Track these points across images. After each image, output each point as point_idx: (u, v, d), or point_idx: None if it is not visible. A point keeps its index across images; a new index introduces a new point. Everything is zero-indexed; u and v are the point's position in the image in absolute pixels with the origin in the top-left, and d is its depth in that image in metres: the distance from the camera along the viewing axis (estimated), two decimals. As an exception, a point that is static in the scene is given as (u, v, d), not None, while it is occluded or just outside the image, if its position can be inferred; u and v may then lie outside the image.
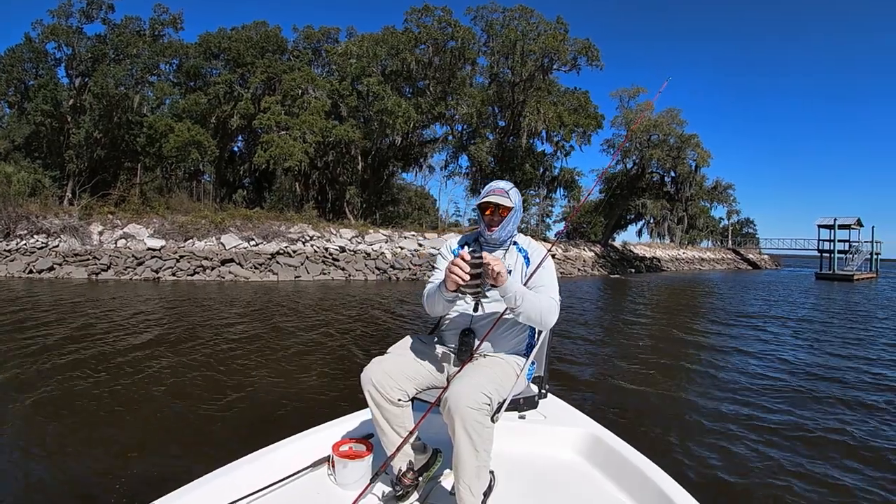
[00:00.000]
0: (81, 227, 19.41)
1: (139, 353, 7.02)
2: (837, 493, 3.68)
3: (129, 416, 4.65)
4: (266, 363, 6.73)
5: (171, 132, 22.79)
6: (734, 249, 61.82)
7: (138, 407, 4.87)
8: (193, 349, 7.37)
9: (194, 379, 5.91)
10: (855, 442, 4.68)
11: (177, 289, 15.54)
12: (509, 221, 2.25)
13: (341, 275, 20.86)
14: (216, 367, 6.43)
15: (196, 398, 5.21)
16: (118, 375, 5.89)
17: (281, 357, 7.13)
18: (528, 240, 2.40)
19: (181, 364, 6.54)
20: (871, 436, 4.83)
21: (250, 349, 7.51)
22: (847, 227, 44.53)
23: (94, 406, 4.88)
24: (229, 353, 7.20)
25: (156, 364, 6.44)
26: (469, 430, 1.84)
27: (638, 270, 36.50)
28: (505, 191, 2.23)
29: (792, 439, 4.68)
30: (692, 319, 13.20)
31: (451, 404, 1.86)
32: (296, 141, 23.98)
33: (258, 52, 26.86)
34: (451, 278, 1.89)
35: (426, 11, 28.06)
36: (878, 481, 3.90)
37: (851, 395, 6.24)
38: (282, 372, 6.33)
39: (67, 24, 24.90)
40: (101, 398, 5.09)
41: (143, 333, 8.44)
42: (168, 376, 5.94)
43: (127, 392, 5.30)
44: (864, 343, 10.14)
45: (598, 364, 7.61)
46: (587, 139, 30.44)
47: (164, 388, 5.47)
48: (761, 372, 7.30)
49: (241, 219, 21.75)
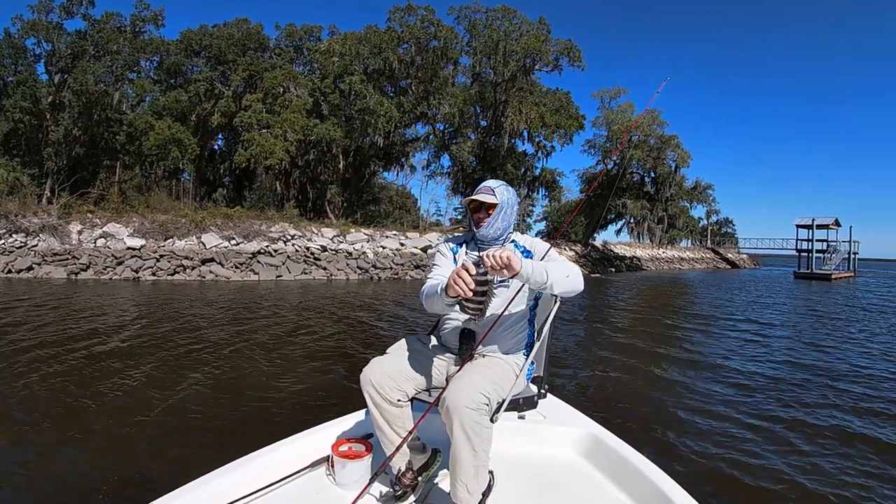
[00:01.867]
0: (61, 226, 19.31)
1: (127, 354, 6.98)
2: (837, 492, 3.69)
3: (127, 416, 4.64)
4: (260, 363, 6.75)
5: (151, 130, 22.73)
6: (713, 249, 62.65)
7: (135, 408, 4.86)
8: (184, 350, 7.36)
9: (190, 379, 5.91)
10: (854, 439, 4.72)
11: (157, 289, 15.56)
12: (496, 218, 2.27)
13: (323, 274, 20.99)
14: (211, 368, 6.43)
15: (195, 398, 5.22)
16: (110, 376, 5.88)
17: (274, 357, 7.13)
18: (526, 237, 2.41)
19: (174, 364, 6.54)
20: (872, 432, 4.88)
21: (241, 349, 7.53)
22: (825, 227, 45.11)
23: (92, 407, 4.87)
24: (223, 354, 7.21)
25: (146, 365, 6.41)
26: (467, 429, 1.85)
27: (618, 269, 36.96)
28: (491, 188, 2.28)
29: (791, 437, 4.72)
30: (680, 317, 13.46)
31: (449, 404, 1.87)
32: (277, 139, 24.02)
33: (240, 50, 26.80)
34: (454, 287, 1.87)
35: (409, 10, 28.11)
36: (880, 479, 3.92)
37: (845, 389, 6.42)
38: (276, 372, 6.35)
39: (47, 19, 24.62)
40: (98, 398, 5.08)
41: (130, 334, 8.43)
42: (160, 377, 5.94)
43: (124, 393, 5.31)
44: (855, 339, 10.56)
45: (592, 363, 7.68)
46: (569, 139, 30.69)
47: (159, 389, 5.45)
48: (756, 370, 7.42)
49: (221, 218, 21.73)
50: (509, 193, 2.32)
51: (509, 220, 2.32)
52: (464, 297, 1.87)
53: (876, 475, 4.00)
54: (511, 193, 2.34)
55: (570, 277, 2.06)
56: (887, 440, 4.74)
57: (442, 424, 1.93)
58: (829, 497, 3.63)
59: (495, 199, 2.25)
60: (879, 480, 3.91)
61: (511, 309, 2.21)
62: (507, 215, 2.30)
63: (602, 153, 34.03)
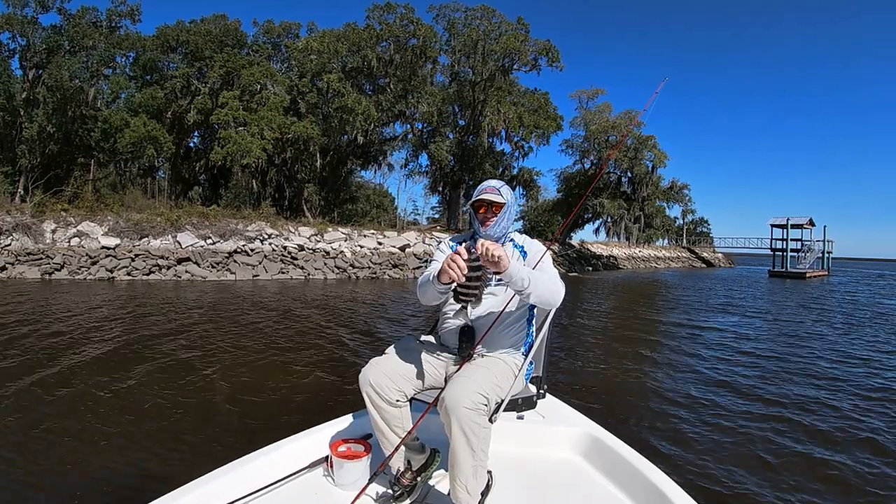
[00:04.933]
0: (34, 225, 19.12)
1: (114, 356, 6.94)
2: (836, 490, 3.70)
3: (125, 417, 4.63)
4: (254, 364, 6.76)
5: (126, 127, 22.56)
6: (689, 248, 63.68)
7: (132, 408, 4.87)
8: (170, 352, 7.28)
9: (186, 379, 5.90)
10: (855, 437, 4.74)
11: (133, 289, 15.50)
12: (503, 217, 2.30)
13: (300, 274, 21.10)
14: (202, 370, 6.40)
15: (193, 399, 5.23)
16: (102, 376, 5.89)
17: (267, 357, 7.15)
18: (525, 237, 2.43)
19: (166, 364, 6.53)
20: (872, 431, 4.92)
21: (230, 350, 7.53)
22: (799, 226, 46.12)
23: (90, 407, 4.86)
24: (212, 355, 7.19)
25: (136, 366, 6.37)
26: (466, 430, 1.86)
27: (595, 268, 37.43)
28: (497, 188, 2.29)
29: (789, 436, 4.73)
30: (664, 315, 13.71)
31: (447, 404, 1.88)
32: (253, 137, 24.01)
33: (217, 46, 26.63)
34: (447, 272, 1.88)
35: (388, 8, 28.21)
36: (880, 476, 3.96)
37: (842, 388, 6.55)
38: (275, 372, 6.38)
39: (22, 13, 24.25)
40: (94, 399, 5.09)
41: (114, 335, 8.36)
42: (153, 378, 5.92)
43: (120, 393, 5.31)
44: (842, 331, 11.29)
45: (587, 362, 7.77)
46: (546, 140, 30.99)
47: (153, 390, 5.44)
48: (751, 368, 7.53)
49: (197, 216, 21.66)
50: (511, 193, 2.36)
51: (511, 219, 2.37)
52: (458, 282, 1.90)
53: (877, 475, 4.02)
54: (512, 193, 2.38)
55: (551, 293, 2.07)
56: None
57: (441, 424, 1.95)
58: (830, 496, 3.63)
59: (502, 198, 2.27)
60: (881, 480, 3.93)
61: (511, 307, 2.24)
62: (511, 214, 2.36)
63: (580, 153, 34.38)
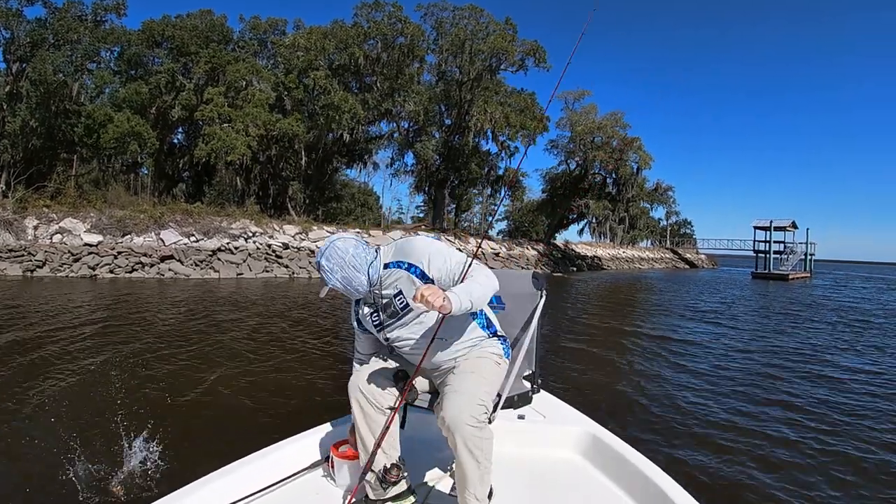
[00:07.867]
0: (16, 221, 19.07)
1: (103, 356, 6.88)
2: (836, 489, 3.74)
3: (123, 418, 4.61)
4: (252, 364, 6.77)
5: (109, 122, 22.42)
6: (672, 249, 64.22)
7: (129, 409, 4.84)
8: (163, 352, 7.23)
9: (184, 378, 5.91)
10: (856, 437, 4.81)
11: (116, 286, 15.47)
12: (349, 284, 2.00)
13: (285, 272, 21.16)
14: (203, 368, 6.41)
15: (192, 398, 5.27)
16: (97, 376, 5.89)
17: (265, 357, 7.16)
18: (394, 247, 2.16)
19: (164, 365, 6.51)
20: (870, 434, 4.99)
21: (225, 349, 7.53)
22: (782, 228, 46.59)
23: (85, 407, 4.90)
24: (209, 353, 7.21)
25: (130, 367, 6.34)
26: (470, 446, 1.84)
27: (580, 269, 37.81)
28: (323, 266, 1.98)
29: (787, 434, 4.78)
30: (651, 315, 14.06)
31: (449, 424, 1.84)
32: (238, 134, 23.98)
33: (203, 42, 26.46)
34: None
35: (376, 6, 28.19)
36: (878, 476, 4.03)
37: (839, 387, 6.66)
38: (273, 372, 6.38)
39: (7, 5, 23.94)
40: (92, 399, 5.12)
41: (96, 333, 8.34)
42: (148, 378, 5.91)
43: (118, 394, 5.26)
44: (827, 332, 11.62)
45: (581, 361, 7.82)
46: (532, 140, 31.19)
47: (149, 390, 5.45)
48: (746, 366, 7.65)
49: (180, 213, 21.63)
50: (335, 250, 1.99)
51: (355, 269, 1.98)
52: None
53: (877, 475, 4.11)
54: (338, 253, 1.99)
55: (488, 294, 2.00)
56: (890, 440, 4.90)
57: (428, 424, 2.00)
58: (829, 495, 3.67)
59: (336, 269, 1.97)
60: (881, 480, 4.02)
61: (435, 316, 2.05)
62: (349, 272, 1.98)
63: (565, 154, 34.57)
